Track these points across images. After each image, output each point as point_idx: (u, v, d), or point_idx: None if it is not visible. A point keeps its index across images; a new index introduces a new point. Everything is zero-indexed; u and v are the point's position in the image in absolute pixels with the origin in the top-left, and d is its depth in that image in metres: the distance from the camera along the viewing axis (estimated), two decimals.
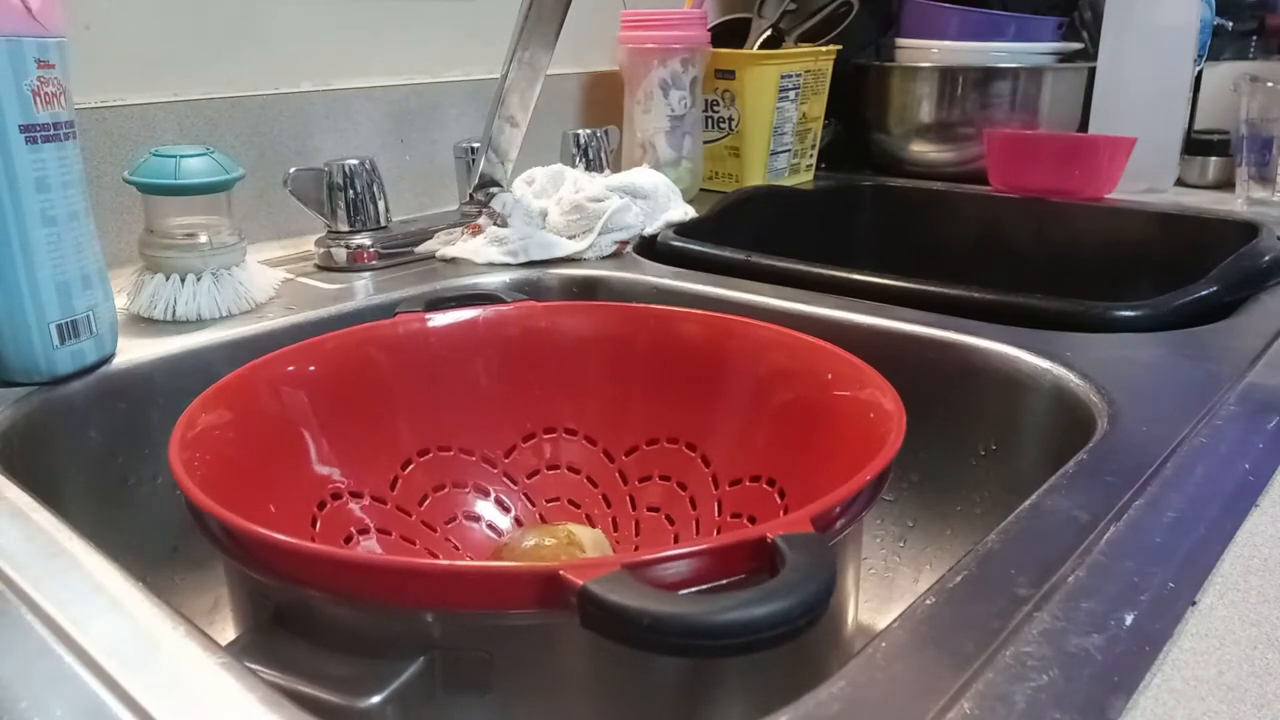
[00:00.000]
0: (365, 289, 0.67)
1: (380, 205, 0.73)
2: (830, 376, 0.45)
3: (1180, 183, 1.04)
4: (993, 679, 0.26)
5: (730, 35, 1.04)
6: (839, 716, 0.25)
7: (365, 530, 0.47)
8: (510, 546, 0.47)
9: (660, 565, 0.29)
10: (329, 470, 0.47)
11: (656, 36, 0.93)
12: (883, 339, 0.58)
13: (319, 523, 0.45)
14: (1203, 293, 0.61)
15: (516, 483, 0.53)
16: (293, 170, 0.71)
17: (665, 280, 0.69)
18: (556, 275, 0.72)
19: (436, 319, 0.52)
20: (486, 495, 0.52)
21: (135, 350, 0.54)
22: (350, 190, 0.72)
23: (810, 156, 1.10)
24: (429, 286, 0.68)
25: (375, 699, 0.29)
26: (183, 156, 0.59)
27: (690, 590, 0.29)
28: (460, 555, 0.50)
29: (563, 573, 0.27)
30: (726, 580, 0.30)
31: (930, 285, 0.62)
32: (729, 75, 0.99)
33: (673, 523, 0.51)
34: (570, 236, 0.75)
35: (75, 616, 0.29)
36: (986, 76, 1.03)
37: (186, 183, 0.58)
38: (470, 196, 0.75)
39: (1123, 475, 0.38)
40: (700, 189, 1.02)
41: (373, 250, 0.73)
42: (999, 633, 0.28)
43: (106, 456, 0.52)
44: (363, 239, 0.73)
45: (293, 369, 0.46)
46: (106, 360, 0.52)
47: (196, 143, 0.68)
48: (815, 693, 0.26)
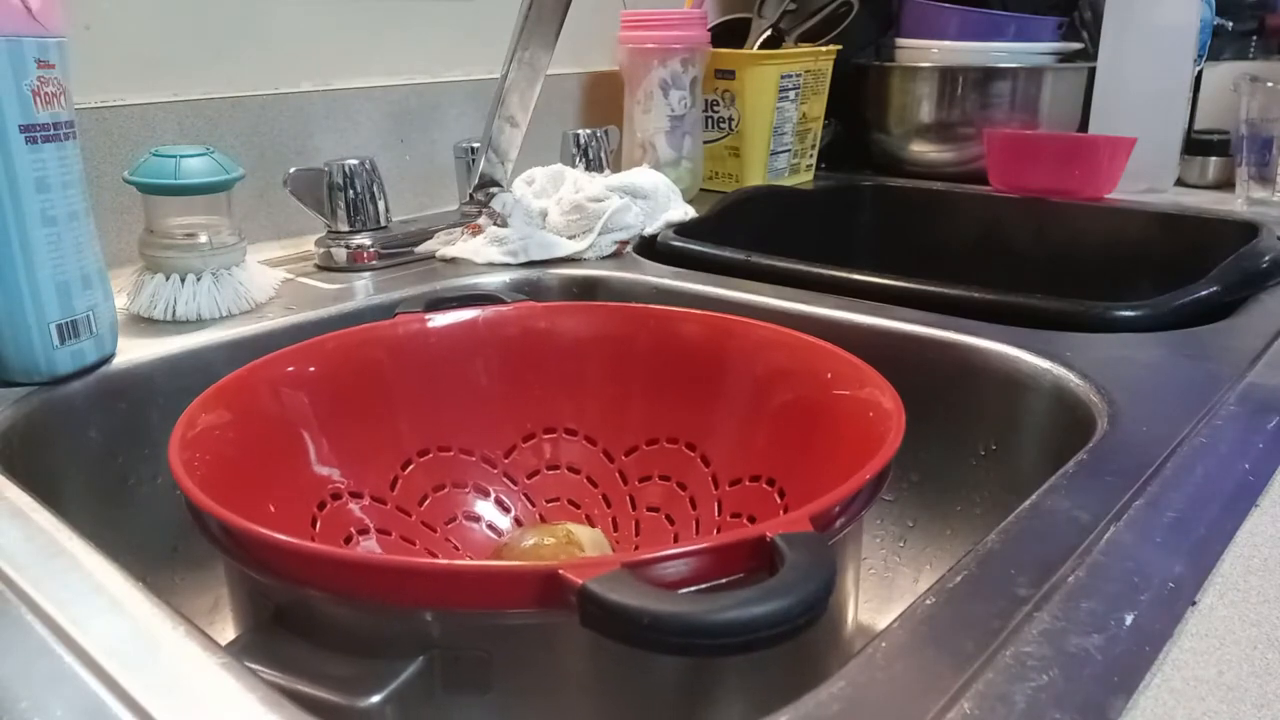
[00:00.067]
0: (365, 289, 0.67)
1: (380, 205, 0.73)
2: (830, 376, 0.45)
3: (1180, 183, 1.04)
4: (993, 679, 0.26)
5: (730, 35, 1.04)
6: (839, 716, 0.25)
7: (365, 530, 0.47)
8: (510, 546, 0.47)
9: (660, 564, 0.29)
10: (329, 470, 0.47)
11: (656, 36, 0.93)
12: (883, 339, 0.58)
13: (319, 523, 0.45)
14: (1203, 293, 0.61)
15: (516, 483, 0.53)
16: (293, 170, 0.71)
17: (665, 280, 0.69)
18: (556, 275, 0.72)
19: (436, 319, 0.52)
20: (486, 495, 0.52)
21: (135, 350, 0.54)
22: (350, 190, 0.72)
23: (810, 156, 1.10)
24: (429, 286, 0.68)
25: (375, 698, 0.29)
26: (183, 156, 0.59)
27: (690, 589, 0.29)
28: (460, 555, 0.50)
29: (562, 572, 0.27)
30: (726, 579, 0.30)
31: (930, 285, 0.62)
32: (729, 75, 0.99)
33: (672, 522, 0.51)
34: (570, 236, 0.75)
35: (75, 616, 0.29)
36: (986, 76, 1.03)
37: (186, 183, 0.58)
38: (470, 196, 0.75)
39: (1123, 475, 0.38)
40: (700, 189, 1.02)
41: (373, 250, 0.73)
42: (999, 633, 0.28)
43: (106, 456, 0.52)
44: (363, 239, 0.73)
45: (293, 369, 0.46)
46: (106, 360, 0.52)
47: (196, 143, 0.68)
48: (815, 693, 0.26)
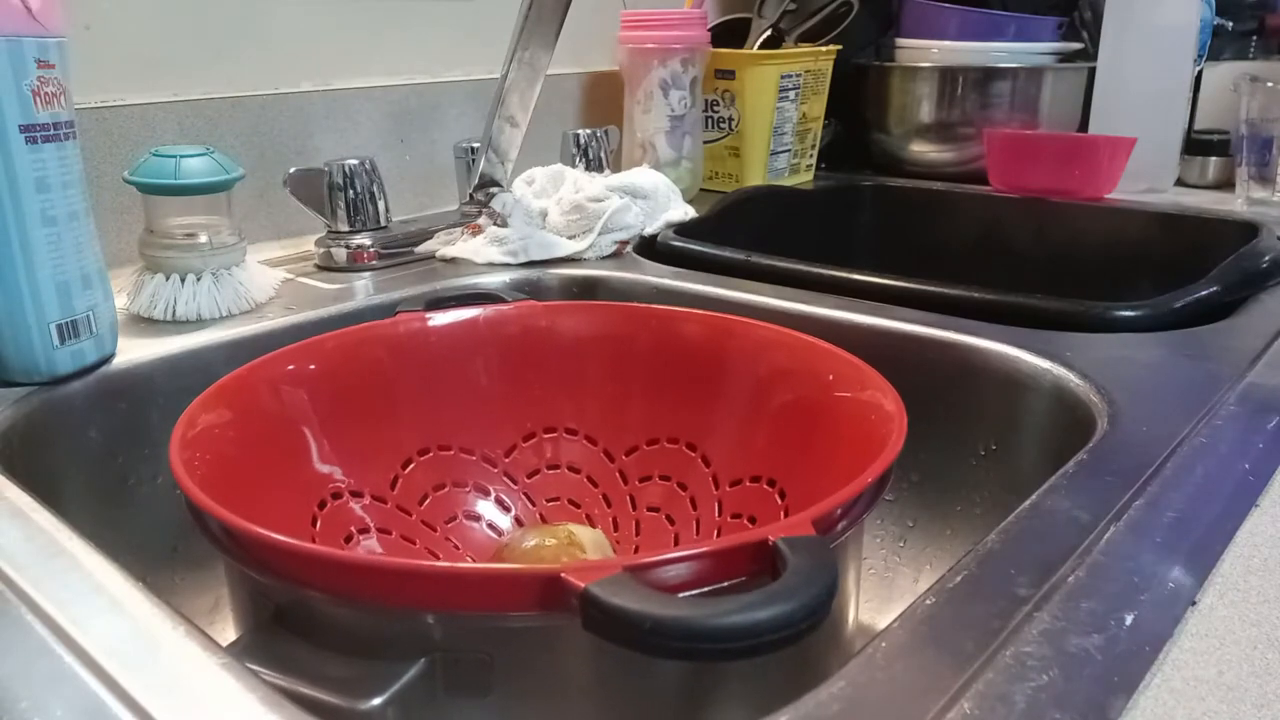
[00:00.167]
0: (365, 289, 0.67)
1: (380, 205, 0.73)
2: (831, 377, 0.45)
3: (1180, 183, 1.04)
4: (993, 679, 0.26)
5: (730, 35, 1.04)
6: (839, 716, 0.25)
7: (365, 530, 0.47)
8: (511, 547, 0.47)
9: (662, 568, 0.28)
10: (329, 469, 0.47)
11: (656, 36, 0.93)
12: (883, 339, 0.58)
13: (319, 522, 0.45)
14: (1203, 293, 0.61)
15: (517, 482, 0.53)
16: (293, 170, 0.71)
17: (665, 280, 0.69)
18: (556, 275, 0.72)
19: (437, 318, 0.52)
20: (487, 495, 0.52)
21: (135, 350, 0.54)
22: (350, 190, 0.72)
23: (810, 156, 1.10)
24: (429, 286, 0.68)
25: (376, 701, 0.29)
26: (183, 156, 0.59)
27: (691, 593, 0.29)
28: (460, 555, 0.50)
29: (564, 575, 0.27)
30: (728, 582, 0.30)
31: (930, 285, 0.62)
32: (729, 75, 0.99)
33: (673, 523, 0.51)
34: (570, 236, 0.75)
35: (75, 616, 0.29)
36: (986, 76, 1.03)
37: (186, 183, 0.58)
38: (470, 196, 0.75)
39: (1123, 475, 0.38)
40: (700, 189, 1.01)
41: (373, 250, 0.73)
42: (999, 633, 0.28)
43: (106, 456, 0.52)
44: (363, 239, 0.72)
45: (293, 368, 0.46)
46: (106, 360, 0.52)
47: (196, 143, 0.68)
48: (815, 693, 0.26)
